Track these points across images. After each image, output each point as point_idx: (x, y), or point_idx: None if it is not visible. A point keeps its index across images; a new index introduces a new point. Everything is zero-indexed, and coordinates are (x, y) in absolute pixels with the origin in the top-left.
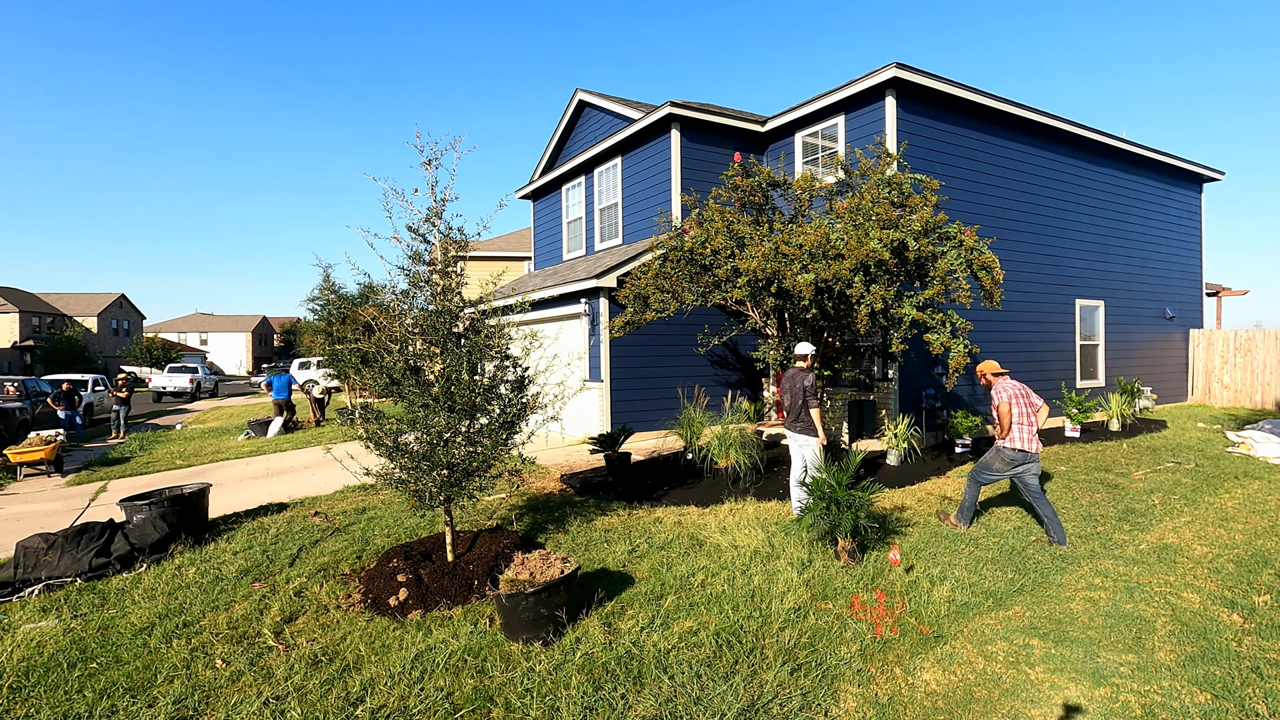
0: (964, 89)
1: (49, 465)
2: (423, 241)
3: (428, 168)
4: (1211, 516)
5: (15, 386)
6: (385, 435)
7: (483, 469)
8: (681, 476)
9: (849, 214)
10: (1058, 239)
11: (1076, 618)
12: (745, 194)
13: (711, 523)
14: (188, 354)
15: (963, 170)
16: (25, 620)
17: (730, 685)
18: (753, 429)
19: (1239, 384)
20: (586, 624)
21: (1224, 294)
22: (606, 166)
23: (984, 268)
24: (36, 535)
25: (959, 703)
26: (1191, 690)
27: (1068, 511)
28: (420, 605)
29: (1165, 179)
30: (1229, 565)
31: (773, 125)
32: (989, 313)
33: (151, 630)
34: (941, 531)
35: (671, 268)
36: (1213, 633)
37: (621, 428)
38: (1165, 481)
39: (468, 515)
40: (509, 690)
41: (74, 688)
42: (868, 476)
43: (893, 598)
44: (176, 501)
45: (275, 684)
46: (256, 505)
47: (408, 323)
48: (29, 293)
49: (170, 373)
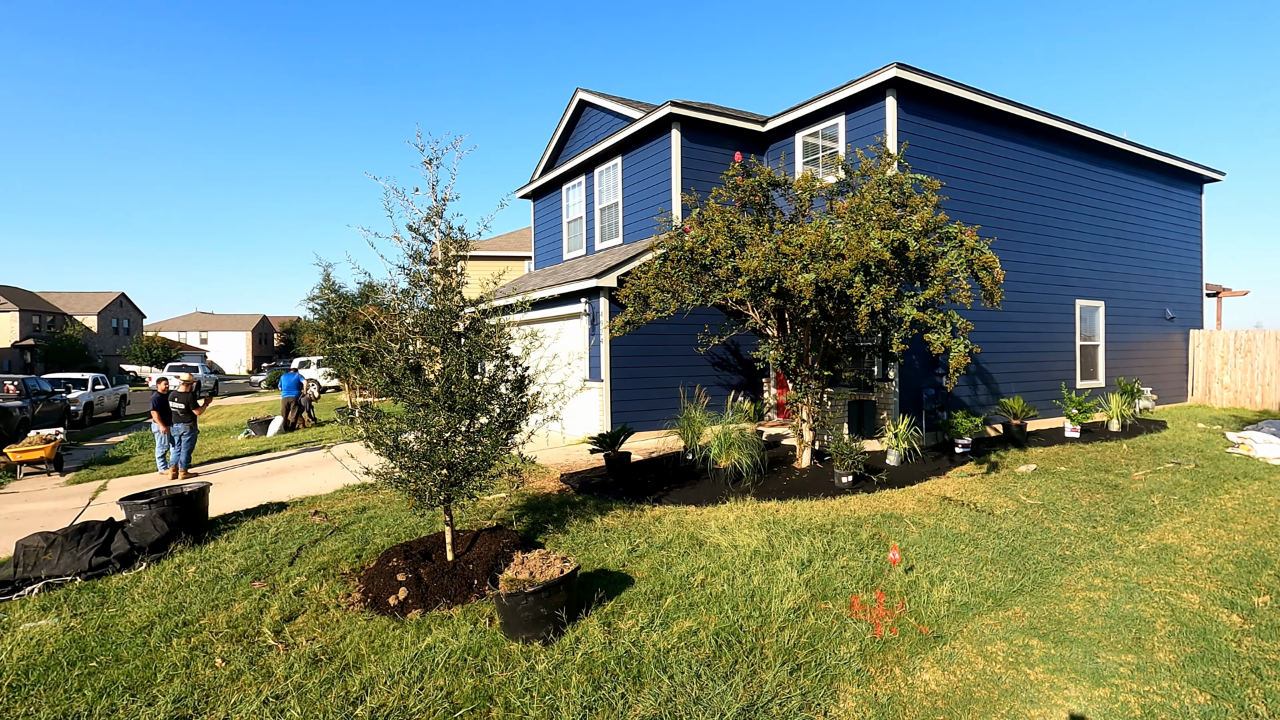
0: (964, 89)
1: (49, 464)
2: (423, 241)
3: (428, 167)
4: (1211, 517)
5: (15, 385)
6: (385, 434)
7: (483, 468)
8: (681, 476)
9: (849, 214)
10: (1058, 239)
11: (1076, 618)
12: (746, 194)
13: (711, 523)
14: (188, 353)
15: (963, 170)
16: (25, 619)
17: (730, 685)
18: (753, 429)
19: (1239, 384)
20: (586, 623)
21: (1224, 294)
22: (607, 166)
23: (984, 268)
24: (36, 534)
25: (958, 703)
26: (1191, 691)
27: (1068, 512)
28: (420, 604)
29: (1165, 179)
30: (1229, 566)
31: (773, 125)
32: (989, 313)
33: (151, 629)
34: (941, 531)
35: (672, 267)
36: (1212, 633)
37: (621, 427)
38: (1165, 482)
39: (467, 515)
40: (509, 690)
41: (74, 686)
42: (868, 475)
43: (892, 598)
44: (176, 500)
45: (275, 683)
46: (256, 504)
47: (408, 322)
48: (29, 291)
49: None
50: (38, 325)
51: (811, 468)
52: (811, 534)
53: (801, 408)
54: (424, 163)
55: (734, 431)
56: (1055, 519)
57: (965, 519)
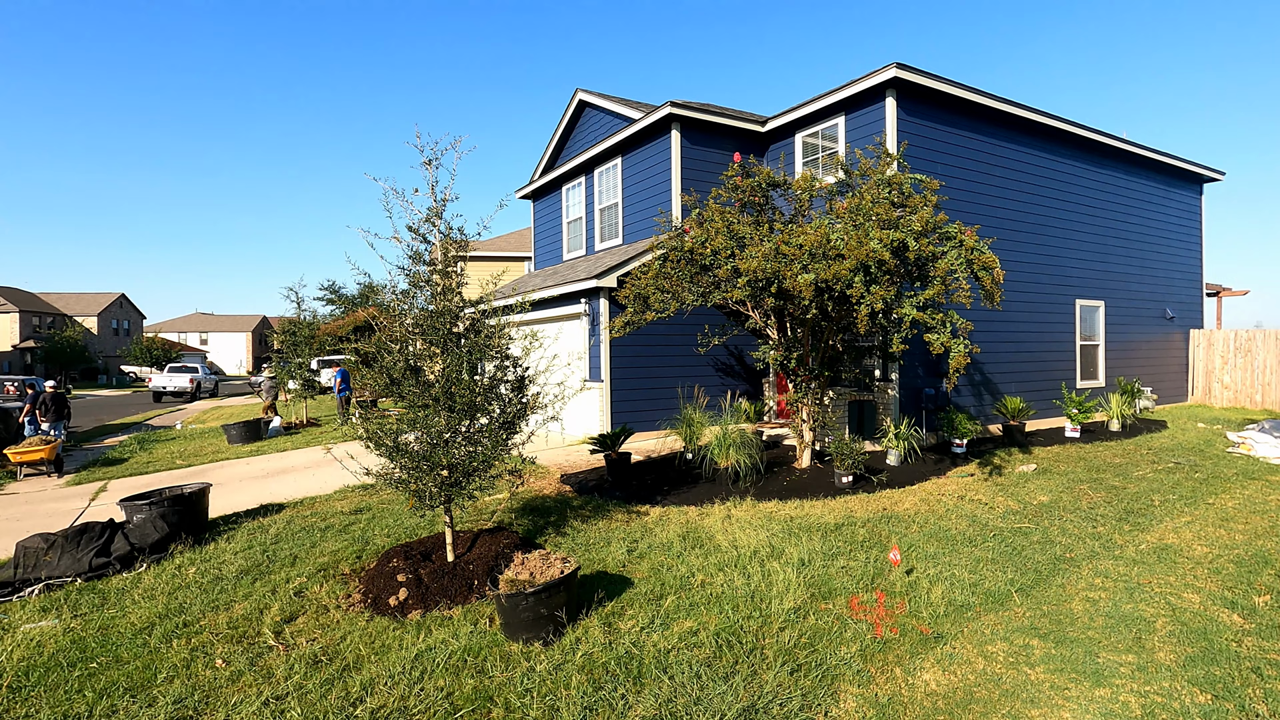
0: (964, 89)
1: (49, 465)
2: (423, 241)
3: (428, 168)
4: (1211, 517)
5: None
6: (385, 435)
7: (483, 469)
8: (681, 477)
9: (849, 214)
10: (1058, 239)
11: (1077, 618)
12: (745, 194)
13: (711, 523)
14: (188, 354)
15: (963, 170)
16: (25, 620)
17: (730, 685)
18: (753, 429)
19: (1239, 384)
20: (586, 624)
21: (1224, 294)
22: (606, 166)
23: (984, 268)
24: (36, 535)
25: (959, 703)
26: (1191, 691)
27: (1068, 512)
28: (420, 605)
29: (1165, 179)
30: (1229, 565)
31: (773, 125)
32: (989, 313)
33: (151, 630)
34: (941, 531)
35: (671, 268)
36: (1213, 633)
37: (622, 428)
38: (1165, 482)
39: (468, 515)
40: (509, 690)
41: (74, 687)
42: (868, 476)
43: (893, 598)
44: (176, 501)
45: (275, 684)
46: (256, 505)
47: (408, 323)
48: (29, 292)
49: (170, 373)
50: (38, 326)
51: (812, 468)
52: (812, 534)
53: (801, 408)
54: (423, 163)
55: (734, 432)
56: (1056, 519)
57: (965, 519)
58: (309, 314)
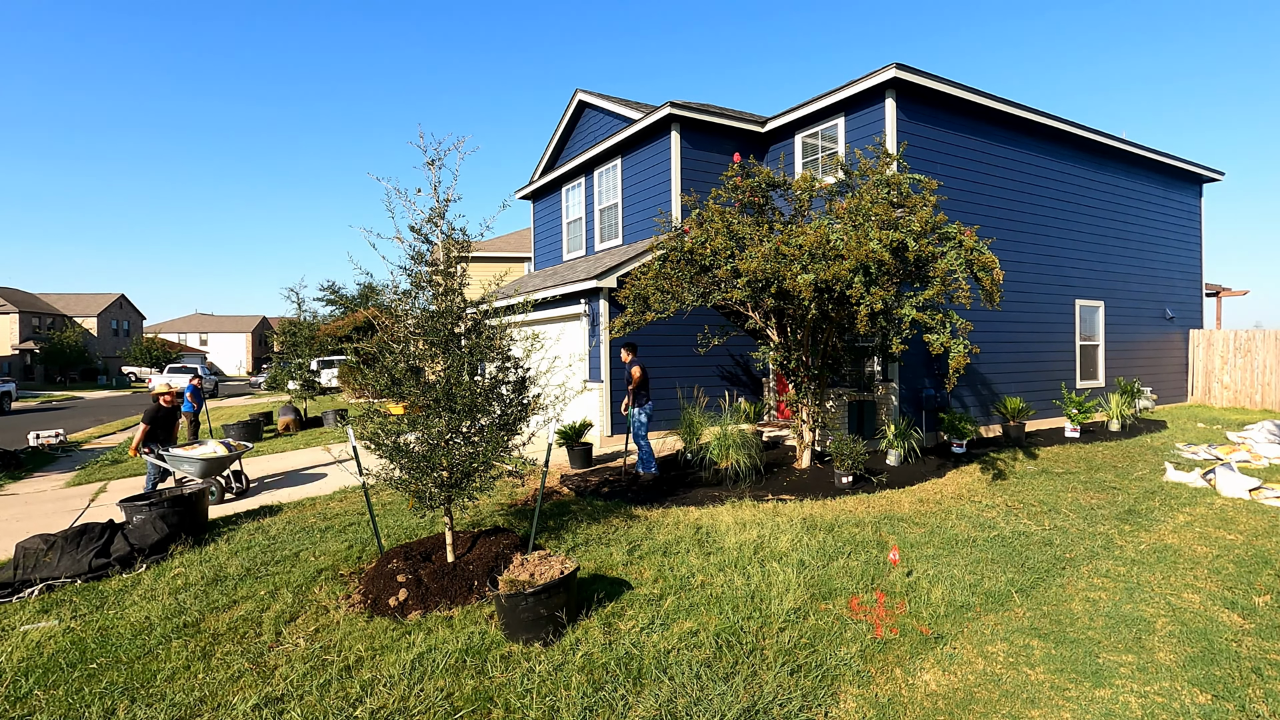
0: (964, 89)
1: None
2: (425, 242)
3: (431, 168)
4: (1212, 517)
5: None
6: (385, 436)
7: (483, 470)
8: (681, 477)
9: (849, 214)
10: (1058, 239)
11: (1076, 618)
12: (745, 194)
13: (711, 523)
14: (188, 354)
15: (963, 170)
16: (25, 621)
17: (730, 686)
18: (753, 430)
19: (1239, 384)
20: (586, 624)
21: (1224, 294)
22: (606, 167)
23: (984, 268)
24: (36, 536)
25: (959, 704)
26: (1192, 691)
27: (1068, 512)
28: (420, 606)
29: (1165, 179)
30: (1229, 565)
31: (772, 126)
32: (989, 313)
33: (151, 631)
34: (941, 531)
35: (671, 268)
36: (1213, 633)
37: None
38: (1165, 481)
39: (468, 515)
40: (509, 691)
41: (74, 688)
42: (868, 476)
43: (893, 598)
44: (176, 502)
45: (275, 684)
46: (256, 505)
47: (409, 323)
48: (28, 293)
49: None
50: (37, 327)
51: (811, 468)
52: (811, 534)
53: (801, 408)
54: (426, 164)
55: (734, 432)
56: (1055, 519)
57: (965, 519)
58: (309, 314)
